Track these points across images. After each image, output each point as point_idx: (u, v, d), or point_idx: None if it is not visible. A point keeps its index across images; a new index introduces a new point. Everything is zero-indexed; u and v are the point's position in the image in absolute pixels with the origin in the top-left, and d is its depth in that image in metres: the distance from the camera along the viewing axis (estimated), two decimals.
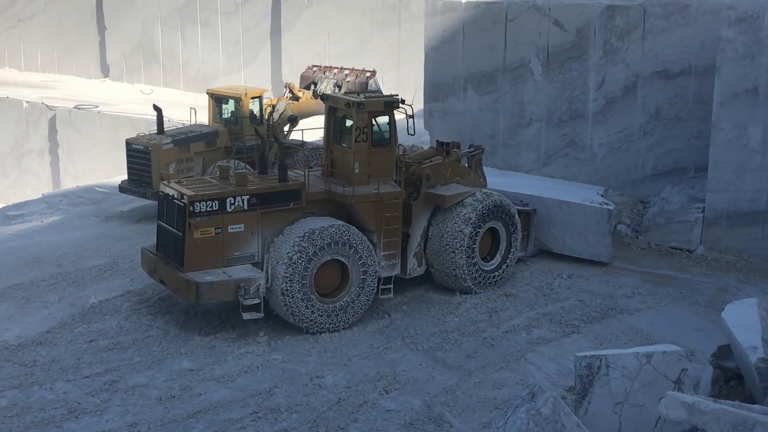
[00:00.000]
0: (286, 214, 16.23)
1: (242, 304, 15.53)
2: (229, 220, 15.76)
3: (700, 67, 21.63)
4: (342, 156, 17.09)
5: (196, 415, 13.26)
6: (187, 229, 15.48)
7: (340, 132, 17.32)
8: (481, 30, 24.36)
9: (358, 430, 12.91)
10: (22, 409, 13.38)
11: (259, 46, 39.17)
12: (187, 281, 15.43)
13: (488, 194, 18.07)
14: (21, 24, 45.71)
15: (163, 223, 16.39)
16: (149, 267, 16.78)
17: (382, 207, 16.77)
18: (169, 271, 15.94)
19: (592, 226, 19.47)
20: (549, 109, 23.64)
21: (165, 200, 16.25)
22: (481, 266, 17.93)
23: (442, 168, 18.24)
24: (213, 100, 24.23)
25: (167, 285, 16.19)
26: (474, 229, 17.59)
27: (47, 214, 24.13)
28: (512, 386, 14.09)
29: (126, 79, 42.97)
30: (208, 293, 15.36)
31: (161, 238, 16.51)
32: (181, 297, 16.23)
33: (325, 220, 16.24)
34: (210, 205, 15.57)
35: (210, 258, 15.71)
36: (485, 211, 17.77)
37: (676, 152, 22.26)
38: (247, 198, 15.86)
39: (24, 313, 16.97)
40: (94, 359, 15.01)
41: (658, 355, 10.28)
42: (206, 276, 15.50)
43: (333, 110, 17.27)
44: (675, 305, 17.65)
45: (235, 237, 15.85)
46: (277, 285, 15.61)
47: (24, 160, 39.05)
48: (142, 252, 17.14)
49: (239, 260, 15.95)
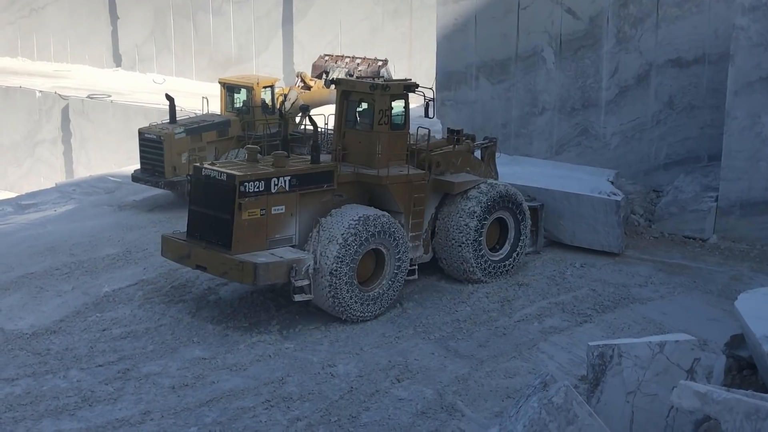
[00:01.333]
0: (318, 195, 16.23)
1: (294, 286, 15.40)
2: (273, 201, 15.64)
3: (713, 55, 21.52)
4: (356, 139, 17.14)
5: (208, 403, 13.32)
6: (236, 209, 15.26)
7: (355, 116, 17.39)
8: (493, 18, 24.26)
9: (369, 418, 12.93)
10: (36, 398, 13.46)
11: (270, 35, 39.13)
12: (241, 263, 15.15)
13: (494, 185, 18.02)
14: (33, 14, 45.76)
15: (198, 207, 16.03)
16: (178, 253, 16.29)
17: (412, 188, 16.98)
18: (212, 254, 15.60)
19: (601, 218, 19.41)
20: (561, 97, 23.56)
21: (203, 182, 15.89)
22: (489, 257, 17.89)
23: (452, 156, 18.22)
24: (225, 90, 24.25)
25: (209, 269, 15.82)
26: (480, 220, 17.56)
27: (60, 204, 24.22)
28: (524, 375, 14.09)
29: (138, 69, 43.00)
30: (264, 275, 15.14)
31: (196, 222, 16.10)
32: (230, 280, 15.98)
33: (370, 209, 16.35)
34: (257, 186, 15.41)
35: (255, 240, 15.55)
36: (491, 202, 17.72)
37: (690, 141, 22.17)
38: (288, 179, 15.78)
39: (38, 301, 17.05)
40: (107, 348, 15.08)
41: (670, 345, 10.26)
42: (259, 257, 15.30)
43: (346, 94, 17.32)
44: (688, 294, 17.61)
45: (277, 218, 15.75)
46: (326, 265, 15.54)
47: (37, 149, 39.15)
48: (166, 239, 16.64)
49: (279, 242, 15.83)
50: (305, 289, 15.55)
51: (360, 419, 12.92)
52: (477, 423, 12.71)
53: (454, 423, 12.78)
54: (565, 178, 20.79)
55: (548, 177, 20.74)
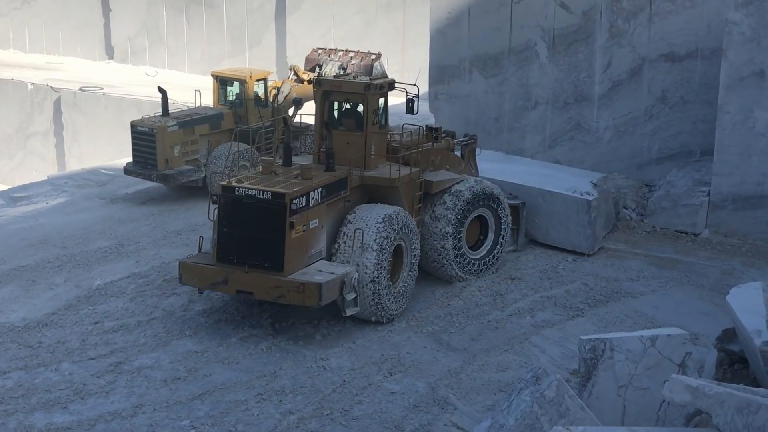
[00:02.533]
0: (336, 204, 15.90)
1: (345, 300, 14.96)
2: (312, 215, 15.15)
3: (706, 50, 21.53)
4: (344, 140, 16.60)
5: (201, 396, 13.32)
6: (287, 228, 14.58)
7: (340, 116, 17.03)
8: (486, 12, 24.24)
9: (362, 412, 12.95)
10: (27, 391, 13.44)
11: (263, 28, 39.05)
12: (302, 284, 14.46)
13: (474, 182, 17.71)
14: (25, 5, 45.55)
15: (233, 229, 14.98)
16: (209, 280, 15.12)
17: (415, 187, 16.89)
18: (259, 278, 14.69)
19: (573, 217, 19.29)
20: (554, 92, 23.56)
21: (240, 203, 14.88)
22: (469, 255, 17.66)
23: (431, 154, 17.91)
24: (218, 83, 24.21)
25: (258, 294, 14.87)
26: (459, 219, 17.30)
27: (52, 196, 24.16)
28: (516, 369, 14.12)
29: (131, 61, 42.86)
30: (327, 293, 14.54)
31: (231, 245, 15.00)
32: (288, 303, 14.93)
33: (385, 207, 16.02)
34: (301, 201, 14.87)
35: (300, 258, 15.00)
36: (471, 200, 17.44)
37: (682, 135, 22.19)
38: (320, 190, 15.32)
39: (29, 294, 17.02)
40: (99, 341, 15.06)
41: (662, 339, 10.29)
42: (314, 276, 14.71)
43: (327, 94, 16.81)
44: (680, 289, 17.65)
45: (314, 233, 15.26)
46: (367, 274, 15.27)
47: (29, 142, 39.02)
48: (187, 266, 15.32)
49: (314, 257, 15.33)
50: (354, 302, 15.14)
51: (352, 413, 12.93)
52: (469, 416, 12.73)
53: (447, 416, 12.81)
54: (547, 176, 20.63)
55: (531, 175, 20.57)
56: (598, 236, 19.48)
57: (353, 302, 15.10)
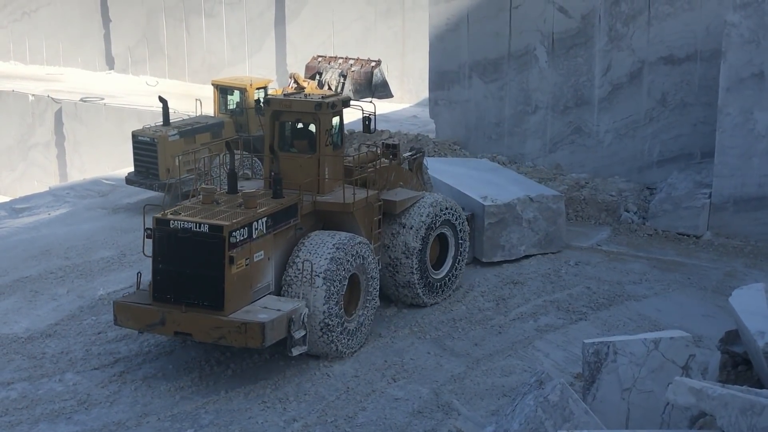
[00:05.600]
0: (285, 233, 14.69)
1: (292, 339, 13.78)
2: (255, 247, 13.90)
3: (705, 52, 21.56)
4: (296, 163, 15.34)
5: (205, 405, 13.32)
6: (226, 264, 13.38)
7: (291, 137, 15.80)
8: (485, 17, 24.30)
9: (366, 418, 12.95)
10: (32, 402, 13.45)
11: (263, 36, 39.11)
12: (243, 324, 13.25)
13: (434, 200, 16.74)
14: (26, 17, 45.65)
15: (168, 266, 13.76)
16: (144, 321, 13.88)
17: (371, 211, 15.80)
18: (197, 318, 13.52)
19: (478, 222, 18.63)
20: (554, 96, 23.60)
21: (174, 236, 13.68)
22: (431, 274, 16.70)
23: (387, 172, 16.75)
24: (218, 91, 24.25)
25: (197, 336, 13.68)
26: (423, 240, 16.32)
27: (54, 207, 24.20)
28: (520, 373, 14.11)
29: (131, 71, 42.94)
30: (271, 333, 13.37)
31: (166, 282, 13.79)
32: (228, 344, 13.83)
33: (337, 234, 14.88)
34: (242, 234, 13.62)
35: (243, 294, 13.79)
36: (433, 219, 16.51)
37: (683, 138, 22.22)
38: (265, 220, 14.08)
39: (33, 305, 17.03)
40: (103, 351, 15.07)
41: (665, 341, 10.30)
42: (258, 314, 13.52)
43: (277, 114, 15.58)
44: (682, 291, 17.64)
45: (258, 266, 14.03)
46: (318, 309, 14.16)
47: (30, 153, 39.09)
48: (121, 306, 14.14)
49: (259, 292, 14.14)
50: (302, 341, 13.98)
51: (356, 419, 12.93)
52: (473, 422, 12.71)
53: (451, 422, 12.78)
54: (489, 184, 19.83)
55: (475, 181, 19.85)
56: (502, 246, 18.72)
57: (302, 341, 13.91)
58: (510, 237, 18.87)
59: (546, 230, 19.31)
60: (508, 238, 18.85)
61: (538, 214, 19.18)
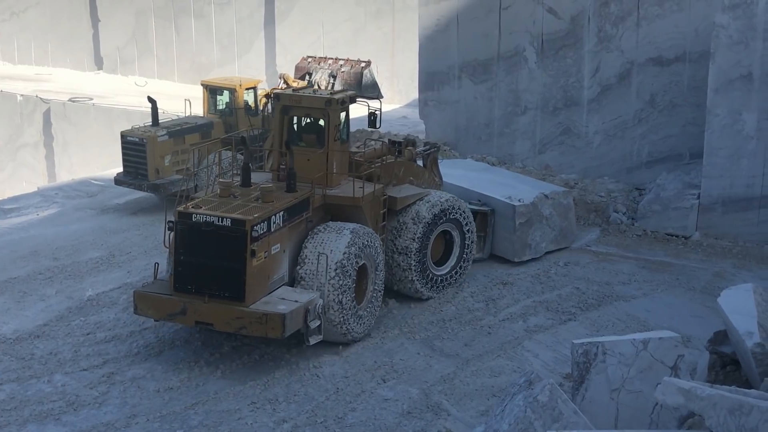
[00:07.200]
0: (298, 225, 15.12)
1: (308, 329, 14.26)
2: (274, 240, 14.36)
3: (694, 54, 21.64)
4: (304, 157, 15.77)
5: (194, 406, 13.29)
6: (248, 256, 13.85)
7: (299, 131, 16.24)
8: (475, 18, 24.33)
9: (356, 419, 12.94)
10: (20, 403, 13.40)
11: (253, 36, 39.07)
12: (264, 315, 13.75)
13: (438, 197, 17.00)
14: (14, 17, 45.50)
15: (191, 257, 14.20)
16: (168, 310, 14.36)
17: (378, 205, 16.23)
18: (219, 308, 13.99)
19: (502, 222, 18.79)
20: (544, 97, 23.64)
21: (197, 230, 14.11)
22: (433, 271, 16.98)
23: (395, 167, 17.19)
24: (207, 92, 24.20)
25: (218, 326, 14.14)
26: (423, 237, 16.60)
27: (43, 208, 24.12)
28: (509, 374, 14.12)
29: (120, 72, 42.83)
30: (291, 324, 13.84)
31: (188, 273, 14.23)
32: (250, 334, 14.29)
33: (347, 225, 15.29)
34: (263, 227, 14.08)
35: (262, 286, 14.27)
36: (436, 217, 16.74)
37: (671, 139, 22.29)
38: (282, 214, 14.54)
39: (21, 306, 16.97)
40: (91, 352, 15.02)
41: (654, 342, 10.31)
42: (278, 305, 13.98)
43: (287, 109, 16.06)
44: (671, 292, 17.69)
45: (275, 259, 14.48)
46: (332, 299, 14.63)
47: (19, 153, 38.95)
48: (142, 296, 14.60)
49: (275, 284, 14.59)
50: (318, 330, 14.48)
51: (346, 420, 12.93)
52: (463, 422, 12.74)
53: (440, 422, 12.80)
54: (503, 185, 19.96)
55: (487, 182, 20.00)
56: (530, 245, 18.96)
57: (317, 330, 14.42)
58: (535, 235, 19.11)
59: (560, 225, 19.62)
60: (533, 236, 19.09)
61: (553, 210, 19.45)
